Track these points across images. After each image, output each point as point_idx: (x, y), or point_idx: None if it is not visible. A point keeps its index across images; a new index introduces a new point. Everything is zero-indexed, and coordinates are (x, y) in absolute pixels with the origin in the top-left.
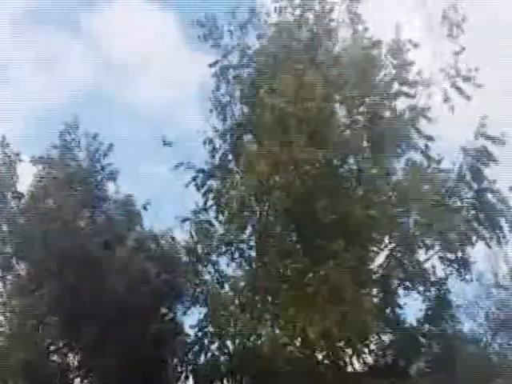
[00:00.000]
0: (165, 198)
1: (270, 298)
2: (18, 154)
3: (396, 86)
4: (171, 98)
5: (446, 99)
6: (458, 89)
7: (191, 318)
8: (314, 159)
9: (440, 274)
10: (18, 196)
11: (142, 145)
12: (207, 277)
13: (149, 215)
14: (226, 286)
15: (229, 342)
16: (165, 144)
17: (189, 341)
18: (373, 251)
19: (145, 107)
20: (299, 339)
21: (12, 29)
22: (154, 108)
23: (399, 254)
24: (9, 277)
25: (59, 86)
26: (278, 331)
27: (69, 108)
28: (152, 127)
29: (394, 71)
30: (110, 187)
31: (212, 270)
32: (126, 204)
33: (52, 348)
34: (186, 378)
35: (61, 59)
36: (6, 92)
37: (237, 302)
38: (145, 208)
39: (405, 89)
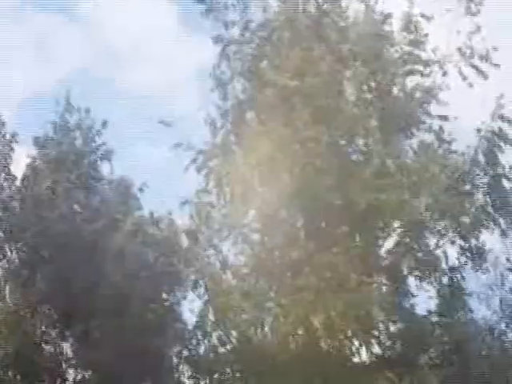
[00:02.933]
0: (163, 181)
1: (273, 286)
2: (14, 136)
3: (408, 63)
4: (167, 80)
5: (464, 78)
6: (475, 67)
7: (190, 306)
8: (319, 138)
9: (453, 261)
10: (11, 178)
11: (139, 127)
12: (208, 262)
13: (147, 198)
14: (228, 272)
15: (230, 332)
16: (164, 124)
17: (187, 330)
18: (381, 237)
19: (141, 89)
20: (302, 328)
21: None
22: (150, 90)
23: (408, 240)
24: (0, 263)
25: (54, 69)
26: (281, 320)
27: (63, 90)
28: (148, 109)
29: (407, 48)
30: (105, 168)
31: (213, 255)
32: (123, 186)
33: (44, 337)
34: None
35: (55, 41)
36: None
37: (239, 289)
38: (141, 190)
39: (418, 67)
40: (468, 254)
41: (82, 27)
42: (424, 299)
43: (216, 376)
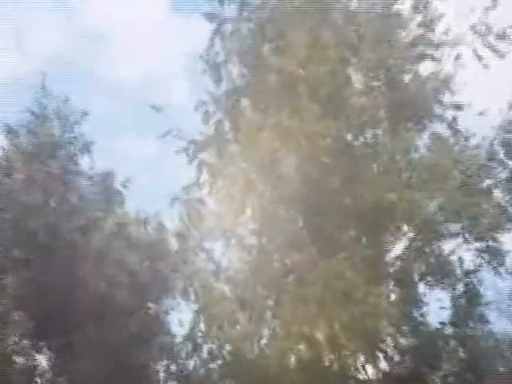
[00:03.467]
0: (150, 176)
1: (271, 295)
2: None
3: (420, 47)
4: (155, 68)
5: (479, 57)
6: (491, 47)
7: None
8: (327, 132)
9: (468, 266)
10: None
11: (123, 117)
12: (199, 267)
13: (131, 195)
14: (221, 279)
15: (223, 345)
16: (155, 109)
17: (176, 342)
18: (390, 241)
19: (126, 77)
20: (304, 343)
21: None
22: (136, 78)
23: (420, 244)
24: None
25: (33, 56)
26: (280, 332)
27: (41, 77)
28: (135, 98)
29: (418, 30)
30: (85, 161)
31: (205, 259)
32: (105, 181)
33: (17, 348)
34: None
35: (35, 28)
36: None
37: (234, 297)
38: (125, 186)
39: (429, 51)
40: (485, 257)
41: (64, 11)
42: (436, 309)
43: None
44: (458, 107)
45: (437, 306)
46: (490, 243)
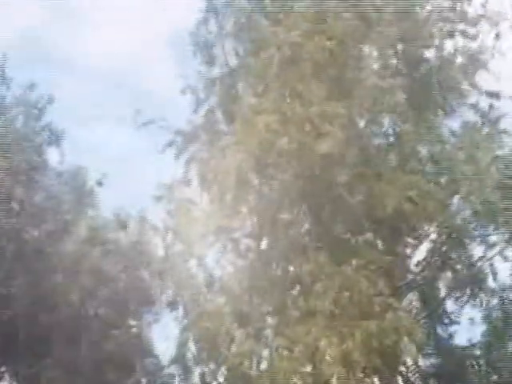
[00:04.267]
0: (129, 172)
1: (272, 308)
2: None
3: (448, 22)
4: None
5: None
6: None
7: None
8: (336, 117)
9: (504, 278)
10: None
11: (97, 103)
12: (189, 275)
13: (107, 194)
14: (214, 289)
15: (218, 367)
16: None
17: (160, 364)
18: (411, 245)
19: (100, 57)
20: (311, 364)
21: None
22: (113, 58)
23: (447, 250)
24: None
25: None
26: (284, 353)
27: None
28: (111, 81)
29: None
30: (53, 155)
31: (195, 267)
32: (76, 178)
33: None
34: None
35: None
36: None
37: (229, 310)
38: (100, 184)
39: (461, 26)
40: None
41: None
42: (466, 326)
43: None
44: (496, 95)
45: (466, 323)
46: None
